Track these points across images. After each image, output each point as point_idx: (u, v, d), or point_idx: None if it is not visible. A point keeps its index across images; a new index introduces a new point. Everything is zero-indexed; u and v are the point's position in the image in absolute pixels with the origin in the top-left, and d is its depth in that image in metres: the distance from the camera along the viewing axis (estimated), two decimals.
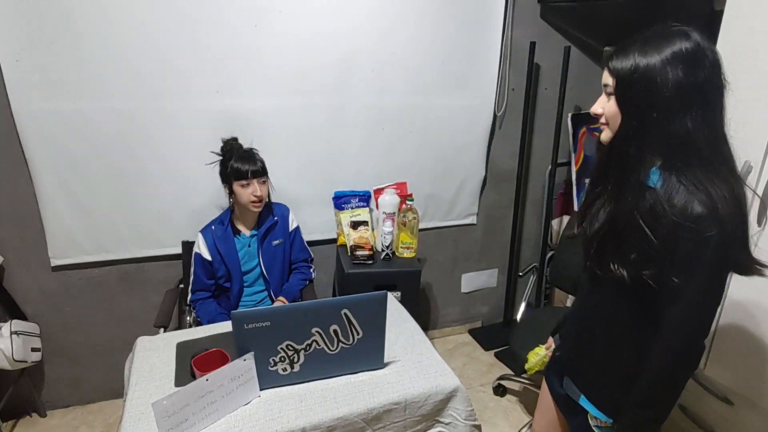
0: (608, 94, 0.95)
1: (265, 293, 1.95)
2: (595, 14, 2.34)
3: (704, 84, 0.86)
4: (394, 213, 2.06)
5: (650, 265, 0.92)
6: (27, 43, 1.65)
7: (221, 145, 1.84)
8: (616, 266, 0.96)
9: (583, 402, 1.13)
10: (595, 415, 1.10)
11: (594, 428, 1.13)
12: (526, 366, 1.49)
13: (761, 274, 0.96)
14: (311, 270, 2.06)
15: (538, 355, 1.45)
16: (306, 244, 2.07)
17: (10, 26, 1.63)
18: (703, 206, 0.86)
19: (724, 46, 1.58)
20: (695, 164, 0.88)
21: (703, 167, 0.88)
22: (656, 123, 0.88)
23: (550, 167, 2.54)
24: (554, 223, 2.70)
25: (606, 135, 0.99)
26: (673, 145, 0.88)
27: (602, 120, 0.99)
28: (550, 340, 1.39)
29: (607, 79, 0.94)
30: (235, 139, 1.86)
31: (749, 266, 0.95)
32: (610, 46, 2.32)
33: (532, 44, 2.30)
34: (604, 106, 0.96)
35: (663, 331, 0.95)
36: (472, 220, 2.58)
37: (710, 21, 1.65)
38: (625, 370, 1.05)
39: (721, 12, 1.58)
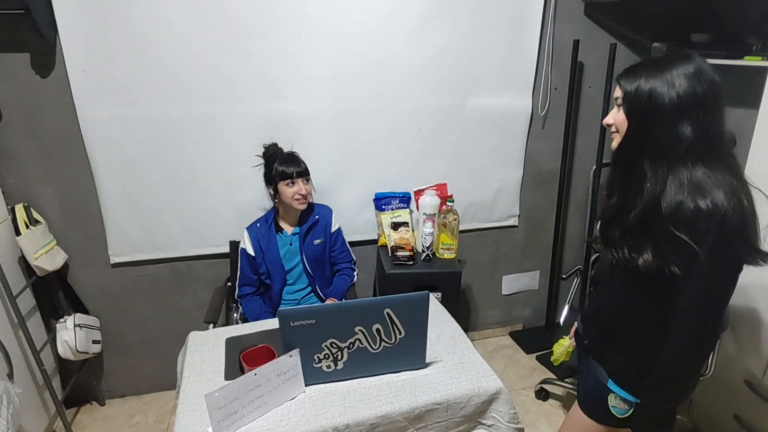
0: (618, 106, 1.09)
1: (309, 289, 2.00)
2: (642, 10, 2.27)
3: (702, 98, 0.97)
4: (434, 214, 2.07)
5: (657, 255, 1.02)
6: (91, 56, 1.77)
7: (263, 150, 1.93)
8: (625, 251, 1.08)
9: (611, 385, 1.21)
10: (623, 396, 1.19)
11: (611, 408, 1.21)
12: (552, 358, 1.58)
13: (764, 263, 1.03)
14: (354, 273, 2.10)
15: (562, 346, 1.55)
16: (348, 246, 2.11)
17: (78, 41, 1.74)
18: (699, 203, 0.95)
19: None
20: (692, 166, 0.99)
21: (700, 168, 0.99)
22: (656, 130, 1.01)
23: (594, 167, 2.48)
24: (598, 225, 2.62)
25: (616, 141, 1.12)
26: (671, 148, 1.00)
27: (613, 129, 1.11)
28: (574, 327, 1.46)
29: (618, 93, 1.08)
30: (275, 144, 1.94)
31: (757, 257, 1.01)
32: (659, 42, 2.24)
33: (576, 42, 2.25)
34: (615, 117, 1.10)
35: (674, 319, 1.04)
36: (514, 221, 2.55)
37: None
38: (645, 355, 1.13)
39: None
